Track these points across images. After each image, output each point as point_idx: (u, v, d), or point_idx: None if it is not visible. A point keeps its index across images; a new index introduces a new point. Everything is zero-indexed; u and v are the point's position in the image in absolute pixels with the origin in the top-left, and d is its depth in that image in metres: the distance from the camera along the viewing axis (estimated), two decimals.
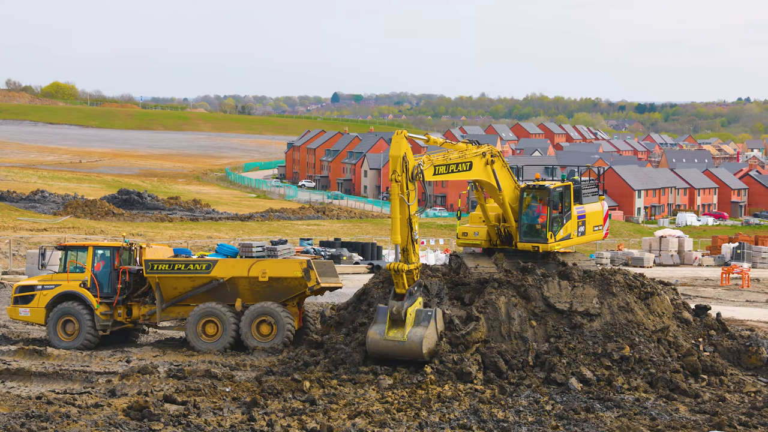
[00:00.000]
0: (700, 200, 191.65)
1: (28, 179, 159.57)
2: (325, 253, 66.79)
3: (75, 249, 38.29)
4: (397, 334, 31.57)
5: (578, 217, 36.31)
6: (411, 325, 31.62)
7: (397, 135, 31.51)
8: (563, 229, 35.73)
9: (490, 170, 34.71)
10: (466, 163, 33.94)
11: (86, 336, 37.05)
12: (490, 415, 27.29)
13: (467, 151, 34.12)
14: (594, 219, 37.19)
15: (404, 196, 31.28)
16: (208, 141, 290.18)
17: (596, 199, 37.64)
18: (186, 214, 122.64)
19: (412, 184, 31.52)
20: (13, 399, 27.78)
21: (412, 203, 31.52)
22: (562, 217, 35.73)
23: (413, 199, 31.59)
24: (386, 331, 31.69)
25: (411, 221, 31.50)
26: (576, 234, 36.34)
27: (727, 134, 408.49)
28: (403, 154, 31.22)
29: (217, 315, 36.46)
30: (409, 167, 31.34)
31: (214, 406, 27.57)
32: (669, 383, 30.65)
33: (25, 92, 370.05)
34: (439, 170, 33.02)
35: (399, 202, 31.23)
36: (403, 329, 31.54)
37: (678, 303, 36.09)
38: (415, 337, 31.35)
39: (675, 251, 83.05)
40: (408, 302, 31.65)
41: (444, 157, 33.32)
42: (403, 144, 31.45)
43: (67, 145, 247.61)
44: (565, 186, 36.00)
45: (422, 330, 31.44)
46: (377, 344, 31.71)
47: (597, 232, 37.56)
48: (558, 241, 35.62)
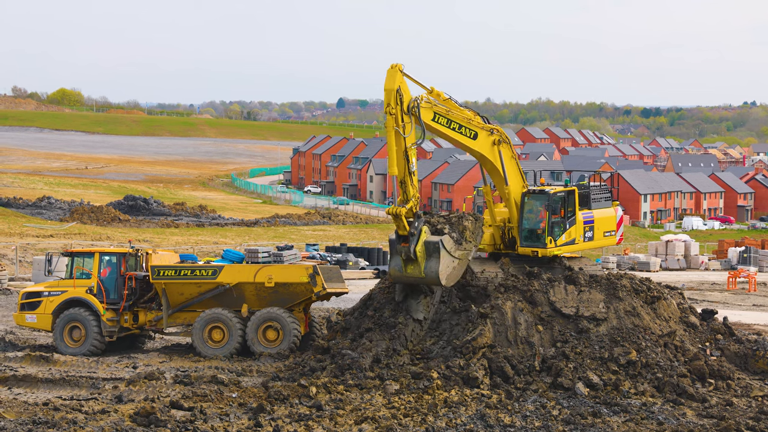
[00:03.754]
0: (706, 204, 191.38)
1: (35, 186, 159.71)
2: (331, 259, 66.75)
3: (81, 255, 38.32)
4: (415, 271, 32.84)
5: (585, 222, 36.19)
6: (424, 260, 32.57)
7: (391, 68, 32.46)
8: (566, 234, 35.65)
9: (497, 152, 34.96)
10: (471, 130, 34.46)
11: (93, 342, 37.06)
12: (496, 420, 27.28)
13: (474, 120, 34.56)
14: (605, 224, 36.93)
15: (399, 129, 32.17)
16: (214, 147, 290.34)
17: (609, 205, 37.33)
18: (192, 220, 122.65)
19: (407, 117, 32.46)
20: (20, 405, 27.81)
21: (408, 135, 32.36)
22: (565, 222, 35.64)
23: (409, 131, 32.48)
24: (404, 268, 32.94)
25: (408, 154, 32.32)
26: (582, 239, 36.22)
27: (733, 138, 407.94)
28: (397, 87, 32.24)
29: (224, 321, 36.46)
30: (404, 100, 32.33)
31: (221, 412, 27.57)
32: (676, 388, 30.61)
33: (31, 99, 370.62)
34: (439, 119, 33.77)
35: (395, 135, 32.16)
36: (418, 266, 32.58)
37: (684, 307, 36.05)
38: (432, 272, 32.49)
39: (681, 255, 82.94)
40: (413, 242, 32.62)
41: (446, 110, 33.88)
42: (398, 77, 32.40)
43: (73, 152, 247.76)
44: (568, 191, 35.89)
45: (435, 264, 32.45)
46: (399, 278, 33.52)
47: (609, 238, 37.35)
48: (560, 246, 35.55)
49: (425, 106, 33.11)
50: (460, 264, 33.25)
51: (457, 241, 33.31)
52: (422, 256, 32.68)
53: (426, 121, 33.19)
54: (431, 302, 34.17)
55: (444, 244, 32.63)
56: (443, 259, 32.54)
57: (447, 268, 32.65)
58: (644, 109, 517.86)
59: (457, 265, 33.15)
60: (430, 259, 32.56)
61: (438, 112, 33.65)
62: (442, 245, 32.51)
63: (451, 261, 32.77)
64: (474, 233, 34.05)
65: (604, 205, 37.32)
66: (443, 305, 34.10)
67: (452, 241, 32.99)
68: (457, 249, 33.15)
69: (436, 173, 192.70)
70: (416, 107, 32.56)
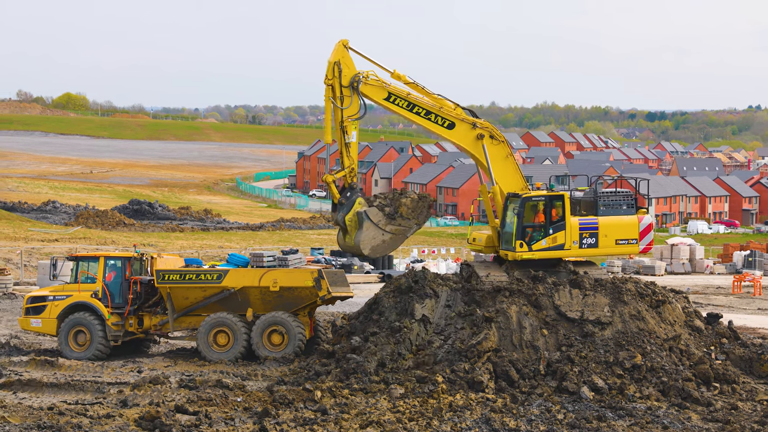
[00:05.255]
0: (711, 208, 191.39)
1: (40, 190, 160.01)
2: (336, 263, 66.82)
3: (86, 259, 38.34)
4: (348, 240, 35.36)
5: (584, 228, 35.61)
6: (354, 230, 35.04)
7: (337, 43, 34.62)
8: (550, 239, 35.30)
9: (480, 147, 35.71)
10: (444, 119, 35.57)
11: (98, 346, 37.08)
12: (501, 424, 27.26)
13: (452, 111, 35.60)
14: (616, 231, 35.85)
15: (336, 101, 34.30)
16: (219, 151, 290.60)
17: (631, 212, 36.02)
18: (197, 224, 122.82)
19: (348, 90, 34.47)
20: (24, 410, 27.82)
21: (346, 107, 34.45)
22: (547, 227, 35.34)
23: (347, 103, 34.50)
24: (343, 238, 35.67)
25: (344, 126, 34.43)
26: (576, 245, 35.59)
27: (738, 142, 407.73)
28: (336, 60, 34.47)
29: (229, 325, 36.47)
30: (347, 74, 34.38)
31: (226, 417, 27.58)
32: (681, 392, 30.59)
33: (36, 103, 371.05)
34: (397, 101, 35.26)
35: (330, 106, 34.50)
36: (350, 235, 35.20)
37: (689, 311, 35.99)
38: (357, 241, 34.94)
39: (686, 259, 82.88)
40: (343, 211, 35.16)
41: (407, 93, 35.25)
42: (340, 51, 34.59)
43: (78, 156, 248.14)
44: (551, 196, 35.53)
45: (359, 234, 34.79)
46: (342, 246, 36.24)
47: (625, 246, 36.04)
48: (537, 251, 35.25)
49: (372, 83, 34.81)
50: (392, 239, 35.08)
51: (390, 215, 35.03)
52: (353, 225, 35.00)
53: (378, 100, 34.97)
54: (436, 305, 34.18)
55: (368, 214, 34.73)
56: (368, 230, 34.65)
57: (372, 240, 34.73)
58: (649, 113, 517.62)
59: (388, 239, 35.03)
60: (359, 230, 34.64)
61: (395, 93, 35.09)
62: (366, 216, 34.52)
63: (378, 233, 34.68)
64: (413, 210, 35.48)
65: (621, 212, 36.12)
66: (448, 309, 34.09)
67: (381, 215, 34.82)
68: (388, 223, 34.90)
69: (441, 177, 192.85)
70: (358, 83, 34.49)
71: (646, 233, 36.35)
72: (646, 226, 36.37)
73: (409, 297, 34.35)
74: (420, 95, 35.30)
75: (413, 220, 35.50)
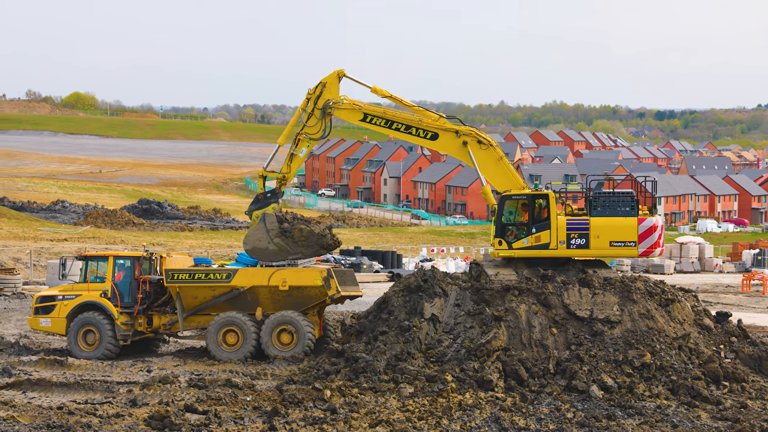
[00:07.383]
0: (720, 207, 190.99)
1: (49, 189, 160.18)
2: (346, 262, 66.84)
3: (95, 259, 38.38)
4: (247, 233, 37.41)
5: (573, 228, 35.24)
6: (253, 226, 37.01)
7: (333, 71, 36.48)
8: (534, 238, 35.22)
9: (467, 153, 36.31)
10: (426, 131, 36.53)
11: (107, 346, 37.13)
12: (511, 423, 27.26)
13: (433, 122, 36.45)
14: (612, 233, 35.35)
15: (304, 112, 36.81)
16: (228, 150, 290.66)
17: (631, 213, 35.33)
18: (206, 224, 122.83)
19: (318, 112, 36.49)
20: (34, 409, 27.86)
21: (310, 125, 36.69)
22: (530, 226, 35.32)
23: (312, 122, 36.63)
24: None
25: (298, 137, 37.06)
26: (563, 245, 35.24)
27: (747, 141, 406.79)
28: (324, 82, 36.44)
29: (238, 324, 36.50)
30: (324, 96, 36.40)
31: (235, 416, 27.60)
32: (690, 390, 30.55)
33: (45, 103, 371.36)
34: (374, 120, 36.67)
35: (299, 115, 36.96)
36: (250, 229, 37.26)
37: (699, 310, 35.94)
38: (247, 235, 37.11)
39: (696, 258, 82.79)
40: (255, 206, 37.21)
41: (383, 111, 36.54)
42: (331, 77, 36.50)
43: (87, 155, 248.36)
44: (534, 195, 35.44)
45: (251, 230, 36.96)
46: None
47: (620, 248, 35.42)
48: (517, 249, 35.38)
49: (345, 107, 36.52)
50: (275, 252, 36.76)
51: (283, 231, 36.44)
52: (254, 221, 36.96)
53: (355, 121, 36.58)
54: (445, 304, 34.17)
55: (266, 219, 36.59)
56: (258, 231, 36.59)
57: (257, 241, 36.63)
58: (658, 111, 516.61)
59: (271, 249, 36.63)
60: (254, 228, 36.83)
61: (370, 113, 36.57)
62: (264, 218, 36.54)
63: (266, 239, 36.52)
64: (304, 239, 36.80)
65: (619, 213, 35.43)
66: (457, 308, 34.08)
67: (276, 225, 36.41)
68: (277, 235, 36.39)
69: (450, 176, 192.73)
70: (331, 108, 36.48)
71: (647, 235, 35.37)
72: (647, 228, 35.35)
73: (418, 296, 34.35)
74: (401, 108, 36.69)
75: (300, 248, 36.79)
